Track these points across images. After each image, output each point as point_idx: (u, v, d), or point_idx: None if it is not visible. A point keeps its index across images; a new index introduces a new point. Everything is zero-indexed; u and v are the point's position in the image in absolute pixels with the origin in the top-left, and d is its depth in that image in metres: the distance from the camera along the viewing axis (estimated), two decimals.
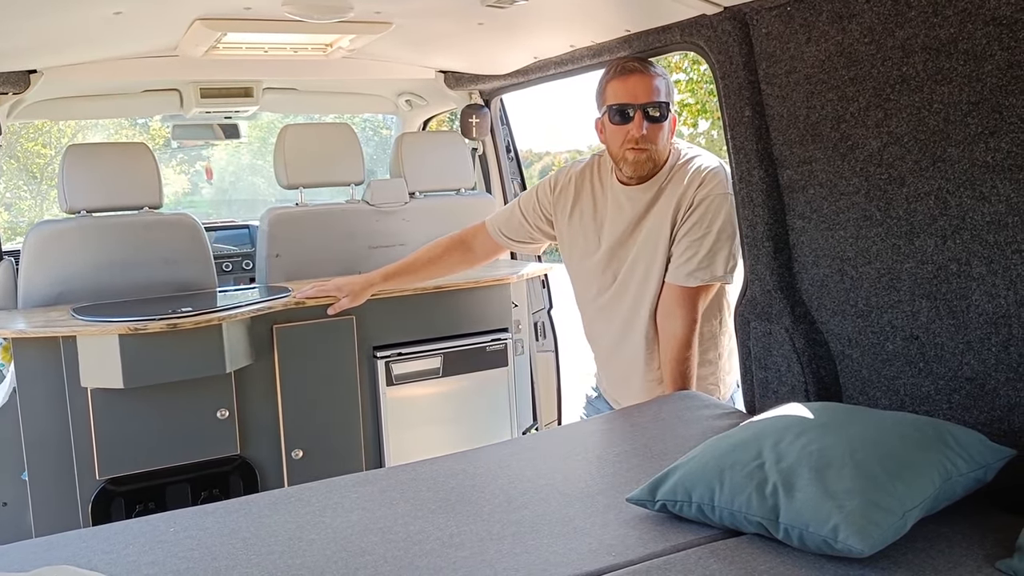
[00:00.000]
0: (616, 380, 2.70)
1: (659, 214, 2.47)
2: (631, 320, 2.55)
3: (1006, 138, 1.69)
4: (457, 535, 1.65)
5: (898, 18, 1.85)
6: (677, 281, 2.45)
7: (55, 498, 2.68)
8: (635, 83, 2.42)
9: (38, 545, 1.70)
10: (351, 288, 2.93)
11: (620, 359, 2.63)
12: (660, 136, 2.44)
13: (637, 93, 2.42)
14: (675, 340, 2.45)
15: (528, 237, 2.82)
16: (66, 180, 3.05)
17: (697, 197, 2.43)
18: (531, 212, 2.76)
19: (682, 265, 2.43)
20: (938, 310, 1.89)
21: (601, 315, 2.64)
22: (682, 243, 2.44)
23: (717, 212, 2.42)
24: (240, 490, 2.89)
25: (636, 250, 2.51)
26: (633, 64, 2.45)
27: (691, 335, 2.45)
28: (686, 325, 2.44)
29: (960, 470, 1.57)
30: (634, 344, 2.56)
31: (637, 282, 2.52)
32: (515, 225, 2.81)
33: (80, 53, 3.13)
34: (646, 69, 2.44)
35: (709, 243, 2.41)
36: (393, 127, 5.59)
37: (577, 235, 2.65)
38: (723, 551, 1.54)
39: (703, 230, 2.42)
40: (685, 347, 2.45)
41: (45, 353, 2.64)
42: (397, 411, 3.17)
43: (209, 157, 16.25)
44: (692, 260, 2.42)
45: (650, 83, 2.42)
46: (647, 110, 2.41)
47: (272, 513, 1.79)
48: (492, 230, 2.86)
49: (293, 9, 2.53)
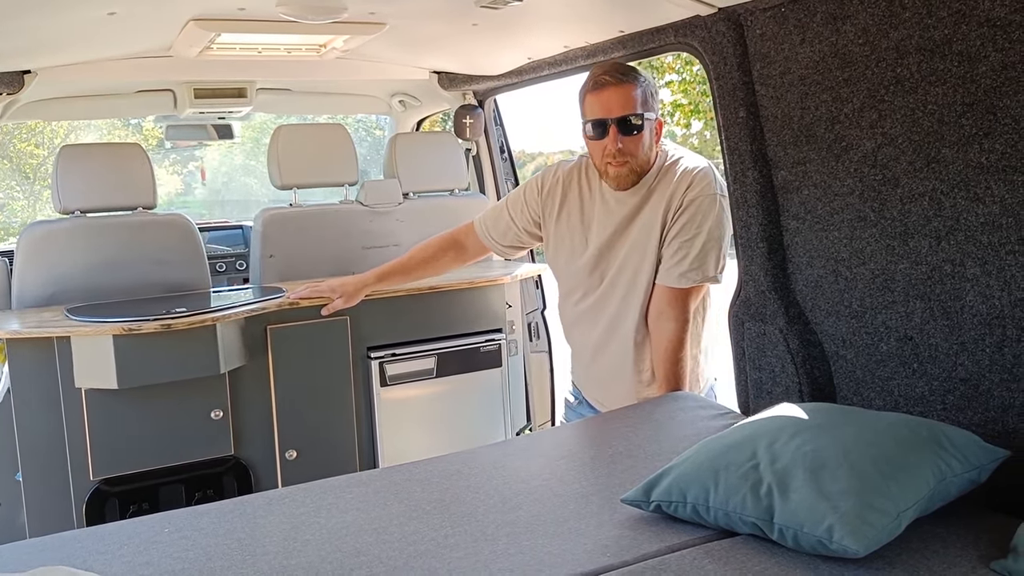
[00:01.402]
0: (601, 383, 2.67)
1: (648, 216, 2.47)
2: (618, 322, 2.54)
3: (1000, 139, 1.70)
4: (452, 535, 1.65)
5: (892, 19, 1.86)
6: (668, 282, 2.44)
7: (49, 498, 2.67)
8: (608, 96, 2.37)
9: (32, 546, 1.69)
10: (345, 289, 2.92)
11: (605, 362, 2.61)
12: (639, 147, 2.40)
13: (611, 106, 2.37)
14: (668, 341, 2.45)
15: (516, 241, 2.78)
16: (60, 180, 3.04)
17: (687, 198, 2.42)
18: (519, 214, 2.73)
19: (673, 267, 2.43)
20: (932, 311, 1.89)
21: (586, 317, 2.62)
22: (672, 244, 2.43)
23: (707, 213, 2.42)
24: (234, 491, 2.89)
25: (625, 252, 2.50)
26: (605, 77, 2.39)
27: (683, 336, 2.45)
28: (678, 326, 2.44)
29: (954, 471, 1.57)
30: (621, 346, 2.55)
31: (625, 284, 2.51)
32: (503, 227, 2.78)
33: (74, 53, 3.12)
34: (621, 80, 2.38)
35: (700, 244, 2.41)
36: (386, 128, 5.59)
37: (564, 237, 2.62)
38: (718, 552, 1.54)
39: (693, 231, 2.42)
40: (678, 348, 2.45)
41: (39, 353, 2.64)
42: (391, 412, 3.16)
43: (202, 158, 16.23)
44: (683, 261, 2.42)
45: (625, 94, 2.36)
46: (621, 124, 2.37)
47: (267, 514, 1.79)
48: (481, 231, 2.83)
49: (287, 10, 2.53)
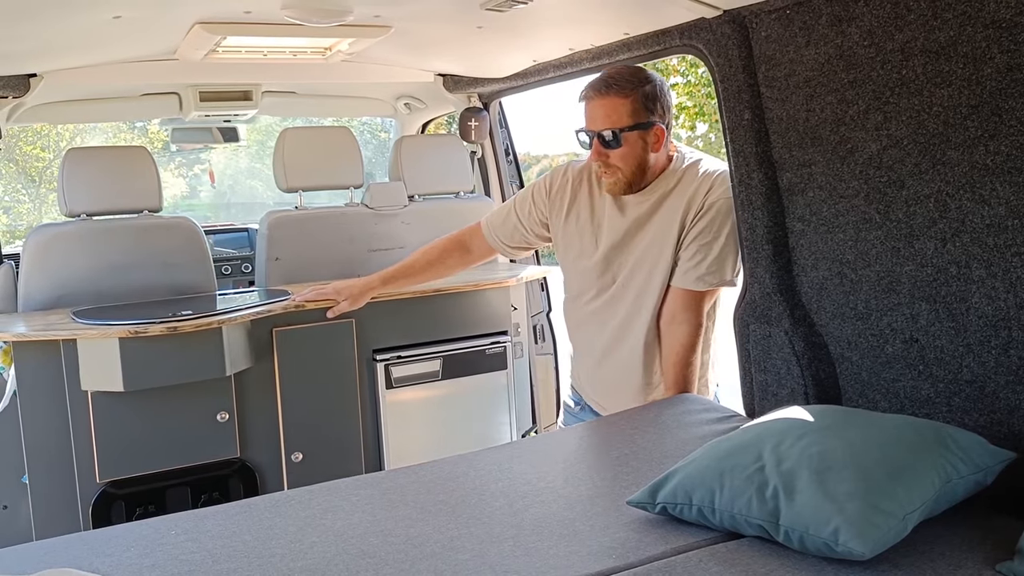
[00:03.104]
0: (606, 387, 2.63)
1: (665, 218, 2.45)
2: (629, 324, 2.52)
3: (1006, 141, 1.70)
4: (458, 538, 1.65)
5: (897, 21, 1.86)
6: (686, 285, 2.42)
7: (55, 501, 2.68)
8: (593, 108, 2.38)
9: (39, 548, 1.70)
10: (350, 291, 2.92)
11: (612, 365, 2.58)
12: (623, 159, 2.38)
13: (594, 118, 2.38)
14: (680, 345, 2.43)
15: (523, 242, 2.78)
16: (66, 184, 3.05)
17: (708, 201, 2.41)
18: (526, 215, 2.72)
19: (691, 269, 2.41)
20: (938, 313, 1.89)
21: (595, 318, 2.59)
22: (691, 247, 2.41)
23: (726, 217, 2.41)
24: (240, 493, 2.89)
25: (639, 253, 2.48)
26: (589, 90, 2.39)
27: (697, 340, 2.44)
28: (692, 330, 2.43)
29: (960, 473, 1.57)
30: (630, 349, 2.52)
31: (638, 285, 2.49)
32: (510, 228, 2.77)
33: (80, 57, 3.13)
34: (604, 92, 2.36)
35: (719, 247, 2.40)
36: (391, 130, 5.59)
37: (573, 237, 2.61)
38: (723, 554, 1.54)
39: (712, 234, 2.40)
40: (690, 351, 2.43)
41: (45, 356, 2.64)
42: (396, 414, 3.17)
43: (209, 160, 16.26)
44: (702, 264, 2.40)
45: (607, 107, 2.35)
46: (601, 137, 2.37)
47: (273, 516, 1.79)
48: (487, 233, 2.82)
49: (293, 13, 2.54)
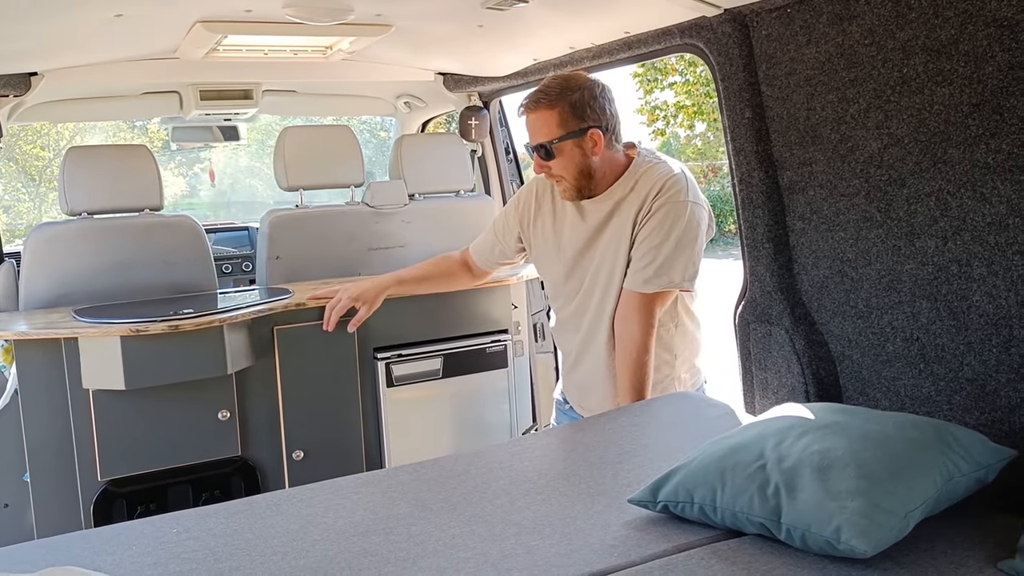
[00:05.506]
0: (580, 387, 2.69)
1: (620, 221, 2.47)
2: (595, 327, 2.56)
3: (1007, 139, 1.70)
4: (460, 536, 1.65)
5: (898, 19, 1.86)
6: (634, 287, 2.43)
7: (57, 499, 2.68)
8: (527, 123, 2.46)
9: (40, 546, 1.69)
10: (365, 297, 2.89)
11: (584, 366, 2.63)
12: (563, 168, 2.43)
13: (530, 132, 2.46)
14: (631, 346, 2.44)
15: (502, 257, 2.87)
16: (67, 182, 3.05)
17: (655, 204, 2.41)
18: (502, 232, 2.80)
19: (639, 272, 2.42)
20: (939, 311, 1.89)
21: (568, 324, 2.66)
22: (640, 249, 2.43)
23: (676, 219, 2.40)
24: (241, 491, 2.89)
25: (599, 257, 2.52)
26: (521, 106, 2.46)
27: (648, 341, 2.44)
28: (643, 332, 2.43)
29: (961, 471, 1.57)
30: (597, 351, 2.56)
31: (600, 289, 2.52)
32: (489, 245, 2.86)
33: (80, 56, 3.13)
34: (534, 107, 2.42)
35: (667, 250, 2.40)
36: (391, 129, 5.59)
37: (541, 245, 2.68)
38: (725, 552, 1.54)
39: (660, 237, 2.40)
40: (642, 353, 2.44)
41: (47, 355, 2.64)
42: (397, 412, 3.17)
43: (209, 159, 16.27)
44: (649, 267, 2.41)
45: (538, 120, 2.42)
46: (538, 150, 2.44)
47: (274, 514, 1.79)
48: (478, 259, 2.91)
49: (294, 11, 2.54)
